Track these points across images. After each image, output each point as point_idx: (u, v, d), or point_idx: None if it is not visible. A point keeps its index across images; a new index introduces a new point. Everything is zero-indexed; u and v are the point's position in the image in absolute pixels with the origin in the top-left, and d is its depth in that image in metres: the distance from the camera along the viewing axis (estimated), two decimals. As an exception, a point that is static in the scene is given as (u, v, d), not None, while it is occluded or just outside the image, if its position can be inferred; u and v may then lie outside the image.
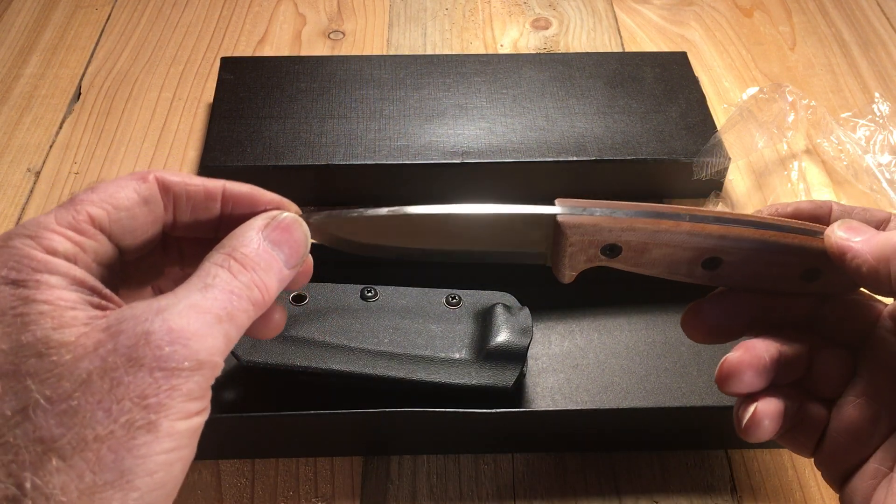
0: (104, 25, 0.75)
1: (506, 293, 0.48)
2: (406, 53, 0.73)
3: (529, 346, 0.45)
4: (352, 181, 0.58)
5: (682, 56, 0.66)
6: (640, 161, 0.58)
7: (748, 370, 0.34)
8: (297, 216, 0.31)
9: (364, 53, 0.73)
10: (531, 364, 0.49)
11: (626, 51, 0.74)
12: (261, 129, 0.59)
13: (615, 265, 0.35)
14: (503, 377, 0.44)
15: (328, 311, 0.47)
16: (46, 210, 0.59)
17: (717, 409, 0.44)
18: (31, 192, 0.60)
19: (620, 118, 0.61)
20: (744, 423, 0.35)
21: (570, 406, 0.48)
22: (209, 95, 0.68)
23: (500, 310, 0.46)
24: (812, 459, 0.36)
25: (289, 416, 0.43)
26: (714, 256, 0.35)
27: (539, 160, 0.58)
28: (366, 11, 0.78)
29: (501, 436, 0.46)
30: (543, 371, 0.49)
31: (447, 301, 0.48)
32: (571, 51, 0.74)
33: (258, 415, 0.43)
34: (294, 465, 0.46)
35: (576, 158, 0.58)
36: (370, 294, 0.48)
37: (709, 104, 0.62)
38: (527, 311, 0.46)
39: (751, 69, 0.72)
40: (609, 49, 0.74)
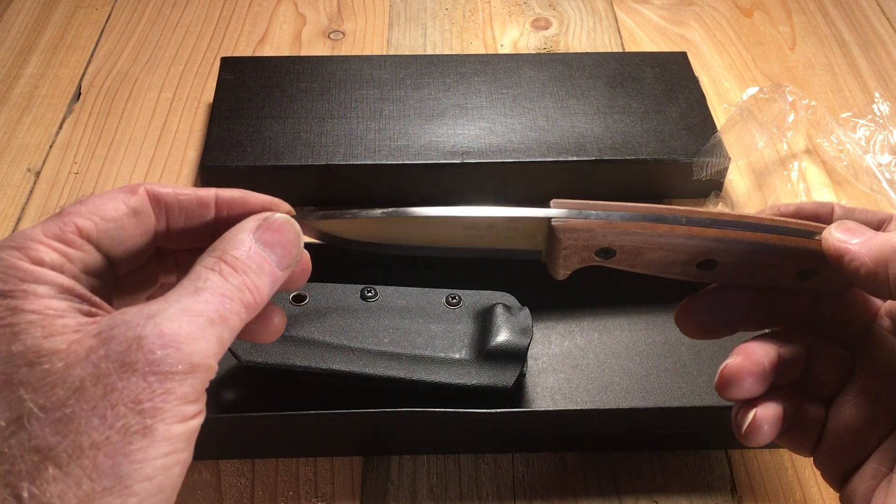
0: (104, 25, 0.75)
1: (506, 293, 0.48)
2: (406, 53, 0.73)
3: (529, 346, 0.45)
4: (352, 181, 0.58)
5: (682, 56, 0.66)
6: (640, 161, 0.58)
7: (748, 377, 0.34)
8: (289, 217, 0.31)
9: (364, 53, 0.73)
10: (531, 364, 0.49)
11: (626, 51, 0.74)
12: (261, 129, 0.59)
13: (609, 265, 0.35)
14: (503, 377, 0.44)
15: (328, 311, 0.47)
16: (46, 210, 0.59)
17: (717, 409, 0.44)
18: (31, 192, 0.60)
19: (620, 118, 0.61)
20: (743, 429, 0.35)
21: (570, 406, 0.48)
22: (209, 95, 0.68)
23: (500, 310, 0.46)
24: (811, 459, 0.37)
25: (289, 416, 0.43)
26: (709, 259, 0.35)
27: (539, 160, 0.58)
28: (366, 11, 0.78)
29: (501, 436, 0.46)
30: (543, 371, 0.49)
31: (447, 301, 0.48)
32: (571, 51, 0.74)
33: (258, 415, 0.43)
34: (294, 465, 0.46)
35: (576, 158, 0.58)
36: (370, 294, 0.48)
37: (709, 104, 0.62)
38: (527, 311, 0.46)
39: (751, 69, 0.72)
40: (609, 49, 0.74)
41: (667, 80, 0.64)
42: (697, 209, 0.35)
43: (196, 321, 0.26)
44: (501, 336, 0.45)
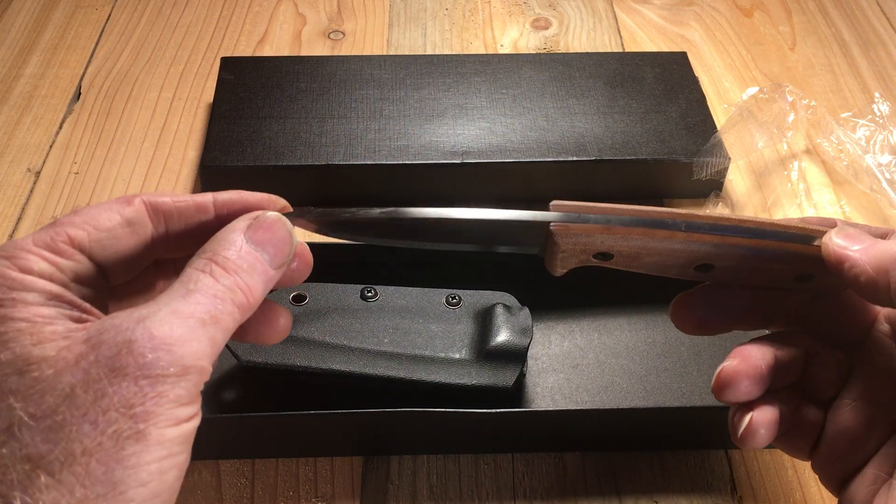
0: (104, 25, 0.75)
1: (506, 293, 0.48)
2: (406, 53, 0.73)
3: (529, 346, 0.45)
4: (352, 181, 0.58)
5: (682, 56, 0.66)
6: (640, 161, 0.58)
7: (745, 379, 0.34)
8: (280, 215, 0.31)
9: (364, 53, 0.73)
10: (531, 364, 0.49)
11: (626, 51, 0.74)
12: (261, 129, 0.59)
13: (607, 265, 0.35)
14: (503, 377, 0.44)
15: (328, 311, 0.47)
16: (46, 210, 0.59)
17: (717, 409, 0.44)
18: (31, 192, 0.60)
19: (620, 118, 0.61)
20: (740, 433, 0.35)
21: (570, 406, 0.48)
22: (209, 95, 0.68)
23: (500, 310, 0.46)
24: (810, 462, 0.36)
25: (289, 416, 0.43)
26: (707, 263, 0.35)
27: (539, 160, 0.58)
28: (366, 11, 0.78)
29: (501, 436, 0.46)
30: (543, 371, 0.49)
31: (447, 301, 0.48)
32: (571, 51, 0.74)
33: (258, 415, 0.43)
34: (294, 465, 0.46)
35: (576, 158, 0.58)
36: (370, 294, 0.48)
37: (709, 104, 0.62)
38: (527, 311, 0.46)
39: (751, 69, 0.72)
40: (609, 49, 0.74)
41: (667, 80, 0.64)
42: (696, 213, 0.34)
43: (187, 323, 0.26)
44: (501, 336, 0.45)
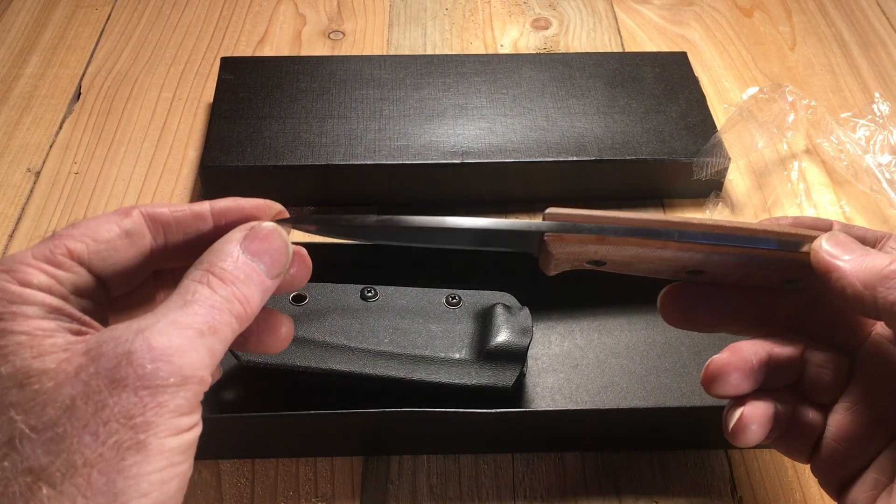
0: (104, 25, 0.75)
1: (506, 293, 0.48)
2: (406, 53, 0.73)
3: (529, 346, 0.45)
4: (352, 181, 0.58)
5: (682, 56, 0.66)
6: (640, 161, 0.58)
7: (734, 372, 0.34)
8: (276, 225, 0.31)
9: (364, 53, 0.73)
10: (531, 364, 0.49)
11: (626, 51, 0.74)
12: (261, 129, 0.59)
13: (599, 270, 0.36)
14: (503, 377, 0.44)
15: (328, 311, 0.47)
16: (46, 210, 0.59)
17: (717, 409, 0.44)
18: (31, 192, 0.60)
19: (620, 118, 0.61)
20: (730, 427, 0.34)
21: (570, 406, 0.48)
22: (209, 95, 0.68)
23: (500, 310, 0.46)
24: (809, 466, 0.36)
25: (289, 416, 0.43)
26: (698, 269, 0.36)
27: (539, 160, 0.58)
28: (366, 11, 0.78)
29: (501, 436, 0.46)
30: (543, 371, 0.49)
31: (447, 301, 0.48)
32: (571, 51, 0.74)
33: (258, 415, 0.43)
34: (294, 465, 0.46)
35: (576, 158, 0.58)
36: (370, 294, 0.48)
37: (709, 104, 0.62)
38: (527, 311, 0.46)
39: (751, 69, 0.72)
40: (609, 49, 0.74)
41: (667, 80, 0.64)
42: (690, 220, 0.35)
43: (185, 333, 0.26)
44: (501, 336, 0.45)
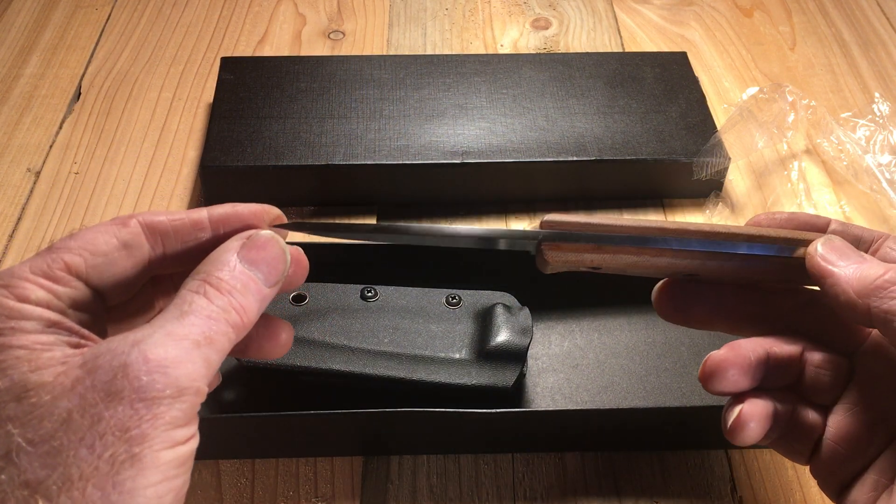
0: (104, 25, 0.75)
1: (506, 293, 0.48)
2: (406, 53, 0.73)
3: (529, 346, 0.45)
4: (352, 181, 0.58)
5: (682, 56, 0.66)
6: (640, 161, 0.58)
7: (731, 368, 0.34)
8: (273, 234, 0.31)
9: (364, 53, 0.73)
10: (531, 364, 0.49)
11: (626, 51, 0.74)
12: (261, 129, 0.59)
13: (596, 272, 0.36)
14: (503, 377, 0.44)
15: (328, 311, 0.47)
16: (46, 209, 0.59)
17: (717, 409, 0.43)
18: (31, 192, 0.60)
19: (620, 118, 0.61)
20: (729, 424, 0.34)
21: (570, 406, 0.48)
22: (209, 95, 0.68)
23: (500, 310, 0.46)
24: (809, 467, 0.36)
25: (289, 416, 0.43)
26: (694, 273, 0.36)
27: (539, 160, 0.58)
28: (366, 11, 0.78)
29: (501, 436, 0.46)
30: (543, 371, 0.49)
31: (447, 301, 0.48)
32: (571, 51, 0.74)
33: (258, 415, 0.43)
34: (294, 465, 0.46)
35: (576, 158, 0.58)
36: (370, 294, 0.48)
37: (709, 104, 0.62)
38: (527, 311, 0.46)
39: (751, 69, 0.72)
40: (609, 49, 0.74)
41: (667, 80, 0.64)
42: (686, 226, 0.35)
43: (181, 345, 0.26)
44: (501, 336, 0.45)
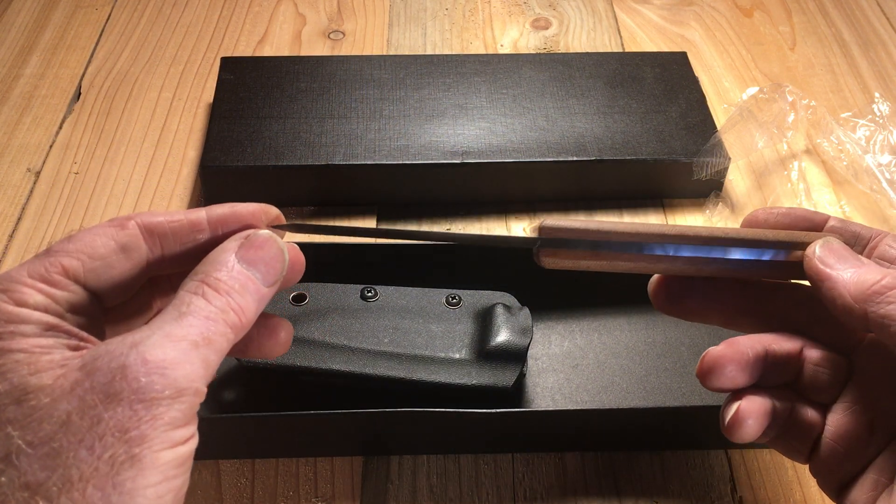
0: (104, 25, 0.75)
1: (506, 293, 0.48)
2: (406, 53, 0.73)
3: (529, 346, 0.45)
4: (352, 181, 0.58)
5: (682, 56, 0.66)
6: (640, 161, 0.58)
7: (729, 364, 0.34)
8: (272, 234, 0.31)
9: (364, 53, 0.73)
10: (531, 364, 0.49)
11: (626, 51, 0.74)
12: (261, 129, 0.59)
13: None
14: (503, 377, 0.44)
15: (328, 311, 0.47)
16: (46, 209, 0.59)
17: (717, 409, 0.44)
18: (31, 192, 0.60)
19: (620, 118, 0.61)
20: (727, 421, 0.34)
21: (570, 406, 0.48)
22: (209, 95, 0.68)
23: (500, 310, 0.46)
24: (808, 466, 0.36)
25: (289, 416, 0.43)
26: (692, 276, 0.36)
27: (539, 160, 0.58)
28: (366, 11, 0.78)
29: (501, 436, 0.46)
30: (543, 371, 0.49)
31: (447, 301, 0.48)
32: (571, 51, 0.74)
33: (258, 415, 0.43)
34: (294, 465, 0.46)
35: (576, 158, 0.58)
36: (370, 294, 0.48)
37: (709, 104, 0.62)
38: (527, 311, 0.46)
39: (751, 69, 0.72)
40: (609, 49, 0.74)
41: (667, 80, 0.64)
42: (685, 230, 0.35)
43: (179, 346, 0.26)
44: (501, 336, 0.45)
